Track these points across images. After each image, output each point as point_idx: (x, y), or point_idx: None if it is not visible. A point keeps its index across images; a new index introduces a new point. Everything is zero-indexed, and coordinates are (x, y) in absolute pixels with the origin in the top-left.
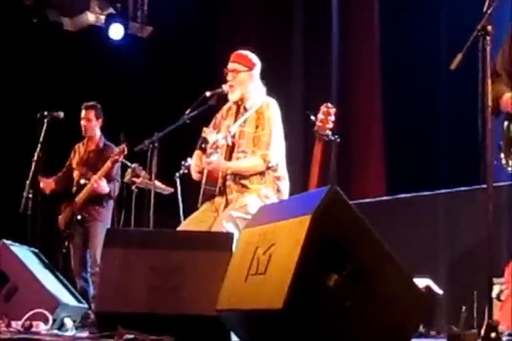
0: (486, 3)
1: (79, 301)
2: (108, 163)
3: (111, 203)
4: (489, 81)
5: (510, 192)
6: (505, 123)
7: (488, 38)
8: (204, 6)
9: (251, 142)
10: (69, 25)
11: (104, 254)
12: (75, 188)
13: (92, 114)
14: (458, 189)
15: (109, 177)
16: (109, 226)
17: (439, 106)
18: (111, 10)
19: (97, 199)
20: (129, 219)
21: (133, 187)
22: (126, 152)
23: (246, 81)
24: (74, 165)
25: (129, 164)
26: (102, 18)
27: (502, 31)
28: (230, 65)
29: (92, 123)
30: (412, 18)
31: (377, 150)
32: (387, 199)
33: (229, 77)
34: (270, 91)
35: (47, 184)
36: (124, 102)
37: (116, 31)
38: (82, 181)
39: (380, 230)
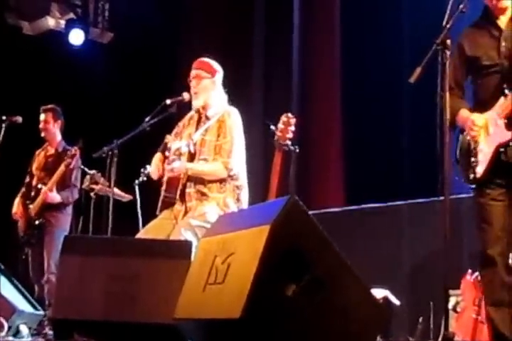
0: (446, 18)
1: (35, 308)
2: (62, 167)
3: (70, 208)
4: (447, 94)
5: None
6: (461, 136)
7: (447, 51)
8: (165, 12)
9: (212, 150)
10: (28, 29)
11: (61, 261)
12: (33, 193)
13: (49, 116)
14: (418, 200)
15: (65, 183)
16: (66, 232)
17: (399, 117)
18: (71, 15)
19: (53, 205)
20: (87, 226)
21: (91, 194)
22: (78, 154)
23: (209, 87)
24: (33, 171)
25: (87, 171)
26: (62, 22)
27: None
28: (193, 72)
29: (49, 125)
30: (373, 26)
31: (337, 161)
32: (346, 210)
33: (192, 83)
34: (230, 100)
35: (21, 215)
36: (83, 108)
37: (76, 36)
38: (40, 186)
39: (340, 240)
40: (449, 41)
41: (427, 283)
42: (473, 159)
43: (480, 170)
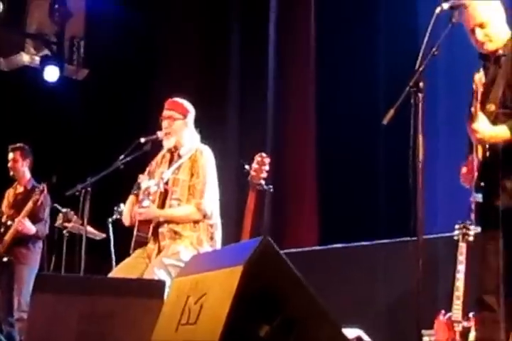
0: (419, 61)
1: None
2: (30, 204)
3: (39, 246)
4: (420, 136)
5: (449, 243)
6: None
7: (420, 94)
8: (141, 49)
9: (186, 190)
10: (3, 65)
11: (33, 299)
12: (2, 230)
13: (17, 154)
14: (393, 240)
15: (36, 218)
16: (36, 270)
17: (374, 157)
18: (46, 51)
19: (22, 241)
20: (60, 264)
21: (64, 232)
22: (46, 191)
23: (181, 128)
24: (3, 209)
25: (60, 208)
26: (37, 59)
27: (436, 87)
28: (166, 113)
29: (18, 164)
30: (349, 66)
31: (311, 201)
32: (321, 249)
33: (164, 124)
34: (204, 139)
35: None
36: (57, 145)
37: (51, 73)
38: (9, 223)
39: (314, 279)
40: (421, 84)
41: (401, 322)
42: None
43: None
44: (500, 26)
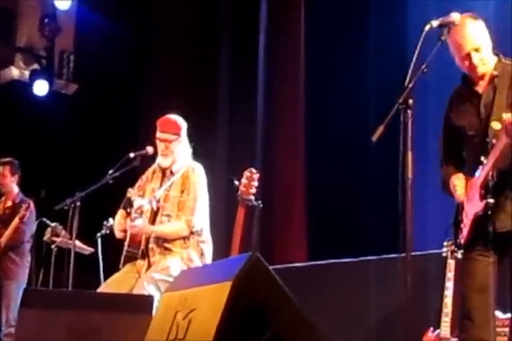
0: (408, 78)
1: None
2: (16, 220)
3: (27, 260)
4: (409, 153)
5: (437, 260)
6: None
7: (409, 111)
8: (130, 64)
9: (176, 206)
10: None
11: (20, 314)
12: None
13: (7, 169)
14: (384, 256)
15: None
16: (24, 284)
17: (364, 173)
18: (36, 66)
19: (10, 256)
20: (48, 279)
21: (52, 247)
22: (31, 207)
23: (177, 147)
24: None
25: (49, 223)
26: (27, 73)
27: (426, 103)
28: (161, 136)
29: (7, 179)
30: (340, 80)
31: (300, 217)
32: (310, 265)
33: (161, 146)
34: (193, 153)
35: None
36: (46, 159)
37: (40, 87)
38: None
39: (303, 295)
40: (411, 101)
41: (390, 339)
42: (462, 224)
43: (464, 233)
44: (489, 50)
